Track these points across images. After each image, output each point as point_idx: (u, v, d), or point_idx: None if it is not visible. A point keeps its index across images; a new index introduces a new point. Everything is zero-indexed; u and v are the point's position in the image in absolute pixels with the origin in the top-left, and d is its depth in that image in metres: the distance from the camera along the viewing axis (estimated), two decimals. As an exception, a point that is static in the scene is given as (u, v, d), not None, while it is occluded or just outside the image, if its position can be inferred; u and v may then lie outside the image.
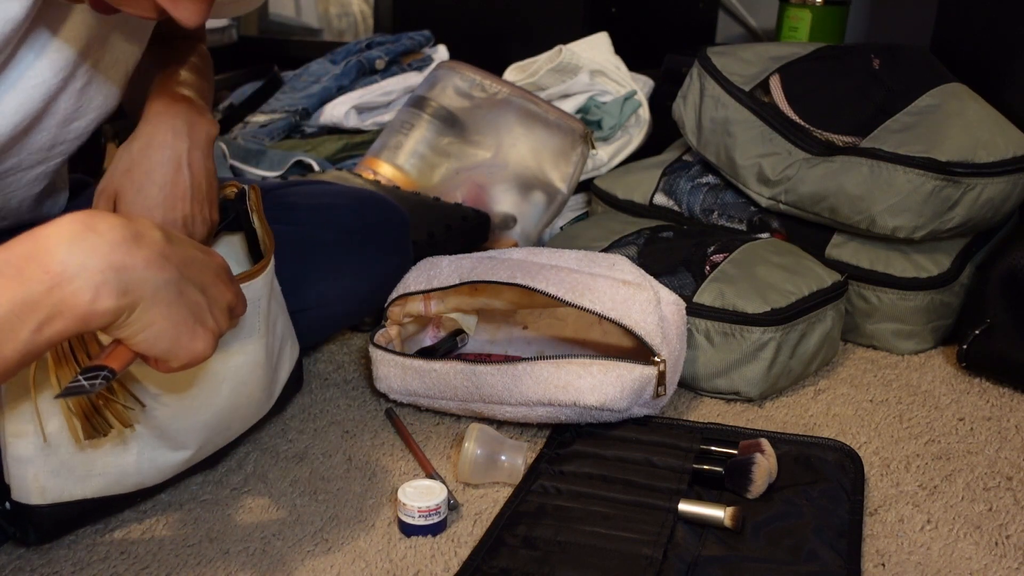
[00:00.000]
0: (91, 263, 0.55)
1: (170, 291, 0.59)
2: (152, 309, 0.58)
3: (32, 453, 0.72)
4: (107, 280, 0.56)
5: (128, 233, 0.58)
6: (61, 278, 0.55)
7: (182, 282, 0.60)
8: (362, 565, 0.77)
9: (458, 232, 1.28)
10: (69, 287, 0.55)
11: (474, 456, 0.88)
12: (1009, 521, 0.85)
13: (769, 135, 1.25)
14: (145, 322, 0.58)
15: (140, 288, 0.57)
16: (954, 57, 1.39)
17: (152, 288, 0.58)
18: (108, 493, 0.78)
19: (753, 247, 1.16)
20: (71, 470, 0.75)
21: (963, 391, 1.10)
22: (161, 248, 0.59)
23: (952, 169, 1.13)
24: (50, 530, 0.77)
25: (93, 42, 0.81)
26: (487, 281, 0.98)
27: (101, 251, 0.56)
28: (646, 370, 0.92)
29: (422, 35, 1.87)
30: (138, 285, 0.57)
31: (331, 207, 1.06)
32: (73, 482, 0.75)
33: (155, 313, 0.58)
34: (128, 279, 0.57)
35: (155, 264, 0.58)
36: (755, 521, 0.81)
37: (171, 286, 0.59)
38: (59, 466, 0.74)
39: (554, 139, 1.45)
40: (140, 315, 0.58)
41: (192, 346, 0.61)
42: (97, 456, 0.76)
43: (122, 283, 0.56)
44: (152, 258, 0.58)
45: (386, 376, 1.01)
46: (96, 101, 0.85)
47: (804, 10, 1.78)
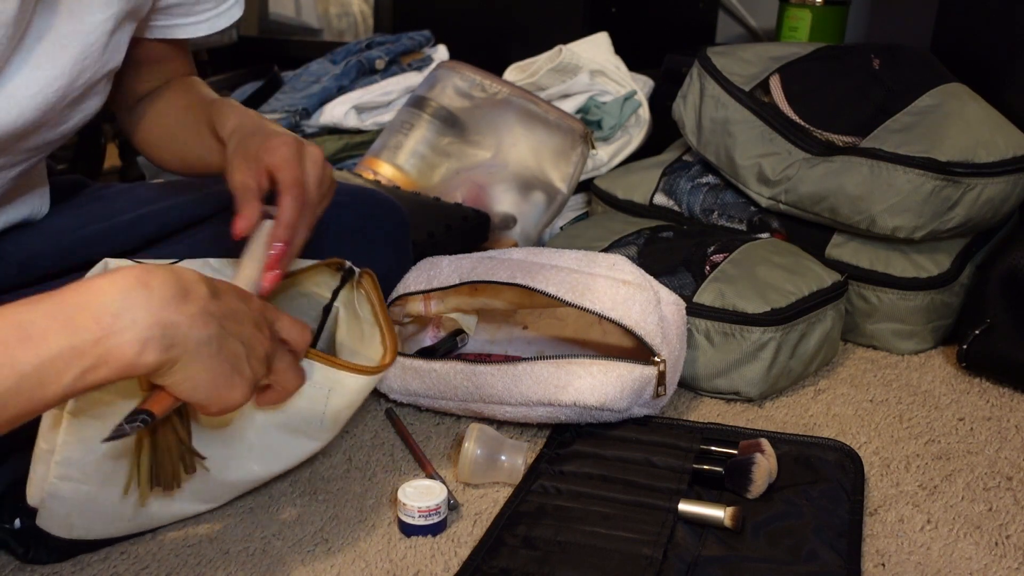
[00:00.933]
0: (140, 318, 0.58)
1: (212, 346, 0.62)
2: (194, 362, 0.61)
3: (74, 496, 0.72)
4: (154, 335, 0.58)
5: (177, 290, 0.60)
6: (110, 330, 0.57)
7: (223, 336, 0.62)
8: (362, 565, 0.77)
9: (458, 232, 1.28)
10: (117, 339, 0.57)
11: (474, 456, 0.88)
12: (1009, 521, 0.85)
13: (769, 135, 1.25)
14: (186, 374, 0.61)
15: (184, 343, 0.60)
16: (954, 57, 1.39)
17: (195, 344, 0.61)
18: (129, 534, 0.79)
19: (753, 247, 1.16)
20: (103, 515, 0.75)
21: (963, 391, 1.10)
22: (205, 304, 0.62)
23: (952, 169, 1.13)
24: (61, 557, 0.77)
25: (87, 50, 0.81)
26: (487, 281, 0.98)
27: (151, 307, 0.58)
28: (646, 370, 0.92)
29: (422, 35, 1.87)
30: (182, 341, 0.60)
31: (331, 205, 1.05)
32: (101, 525, 0.76)
33: (196, 366, 0.61)
34: (174, 335, 0.59)
35: (200, 321, 0.61)
36: (755, 521, 0.81)
37: (213, 341, 0.62)
38: (95, 513, 0.74)
39: (554, 139, 1.45)
40: (182, 367, 0.61)
41: (229, 395, 0.64)
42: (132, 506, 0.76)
43: (167, 339, 0.59)
44: (197, 315, 0.61)
45: (386, 376, 1.01)
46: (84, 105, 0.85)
47: (804, 10, 1.78)
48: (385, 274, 1.08)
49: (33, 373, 0.55)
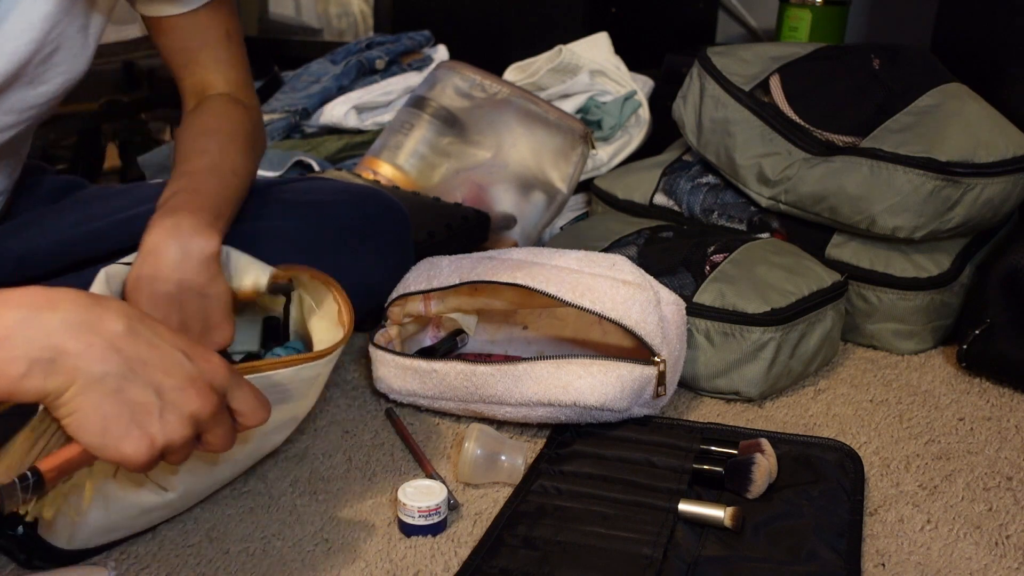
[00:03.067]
0: (34, 338, 0.55)
1: (107, 384, 0.57)
2: (80, 397, 0.57)
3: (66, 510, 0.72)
4: (41, 358, 0.55)
5: (86, 317, 0.57)
6: (2, 344, 0.55)
7: (126, 379, 0.58)
8: (362, 565, 0.77)
9: (458, 232, 1.28)
10: (5, 355, 0.55)
11: (474, 456, 0.88)
12: (1009, 521, 0.85)
13: (769, 135, 1.25)
14: (72, 407, 0.57)
15: (72, 374, 0.56)
16: (954, 57, 1.39)
17: (86, 377, 0.57)
18: (131, 534, 0.79)
19: (753, 247, 1.16)
20: (99, 526, 0.75)
21: (963, 391, 1.10)
22: (113, 339, 0.58)
23: (952, 169, 1.13)
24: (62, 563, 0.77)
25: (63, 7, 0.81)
26: (487, 281, 0.98)
27: (48, 329, 0.56)
28: (646, 370, 0.92)
29: (422, 35, 1.87)
30: (70, 371, 0.56)
31: (331, 203, 1.05)
32: (100, 535, 0.76)
33: (83, 401, 0.57)
34: (62, 363, 0.56)
35: (97, 354, 0.57)
36: (755, 521, 0.81)
37: (109, 379, 0.57)
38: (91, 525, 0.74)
39: (554, 139, 1.45)
40: (68, 400, 0.57)
41: (120, 446, 0.58)
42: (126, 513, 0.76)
43: (55, 365, 0.56)
44: (97, 346, 0.57)
45: (386, 376, 1.01)
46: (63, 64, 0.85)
47: (804, 10, 1.78)
48: (386, 273, 1.08)
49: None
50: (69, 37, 0.83)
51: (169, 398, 0.60)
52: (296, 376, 0.77)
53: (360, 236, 1.06)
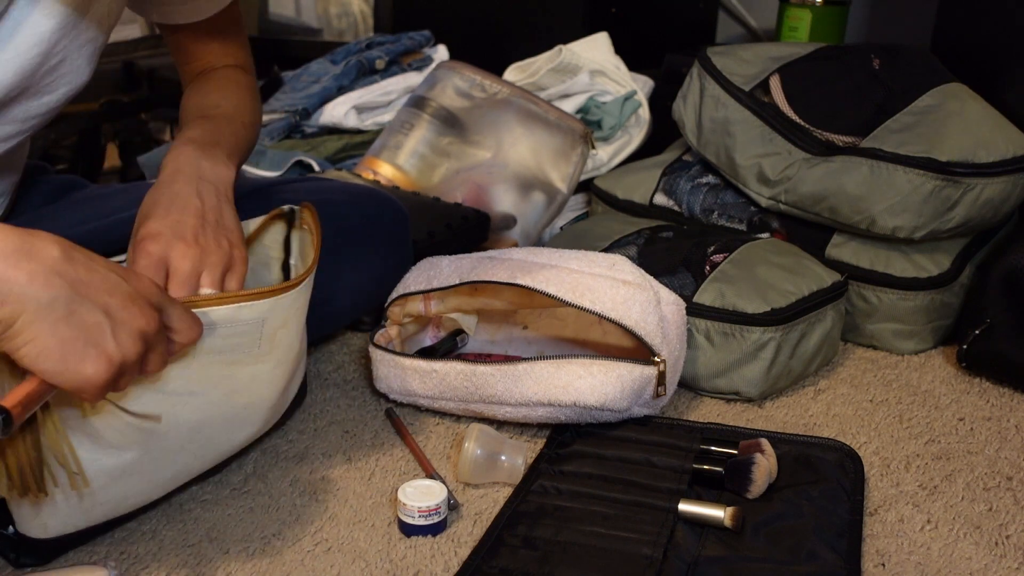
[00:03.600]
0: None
1: (56, 309, 0.58)
2: (34, 324, 0.57)
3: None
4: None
5: (20, 245, 0.57)
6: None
7: (74, 301, 0.58)
8: (362, 565, 0.77)
9: (458, 232, 1.28)
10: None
11: (474, 456, 0.88)
12: (1009, 521, 0.85)
13: (769, 135, 1.25)
14: (26, 337, 0.57)
15: (20, 302, 0.56)
16: (954, 57, 1.39)
17: (35, 304, 0.57)
18: (112, 517, 0.78)
19: (753, 247, 1.16)
20: (72, 506, 0.74)
21: (963, 391, 1.10)
22: (53, 264, 0.58)
23: (952, 169, 1.13)
24: (51, 556, 0.77)
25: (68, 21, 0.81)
26: (487, 281, 0.98)
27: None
28: (646, 370, 0.92)
29: (422, 35, 1.87)
30: (17, 299, 0.56)
31: (330, 203, 1.05)
32: (76, 515, 0.75)
33: (37, 328, 0.57)
34: (6, 291, 0.56)
35: (40, 280, 0.57)
36: (755, 521, 0.81)
37: (58, 304, 0.58)
38: (62, 507, 0.73)
39: (554, 139, 1.45)
40: (20, 329, 0.57)
41: (80, 368, 0.59)
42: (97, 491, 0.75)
43: (1, 295, 0.56)
44: (39, 273, 0.57)
45: (386, 376, 1.01)
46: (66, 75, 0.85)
47: (804, 10, 1.78)
48: (386, 272, 1.08)
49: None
50: (73, 50, 0.84)
51: (118, 317, 0.60)
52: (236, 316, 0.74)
53: (360, 237, 1.06)
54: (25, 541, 0.75)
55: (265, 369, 0.80)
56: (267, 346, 0.79)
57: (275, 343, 0.80)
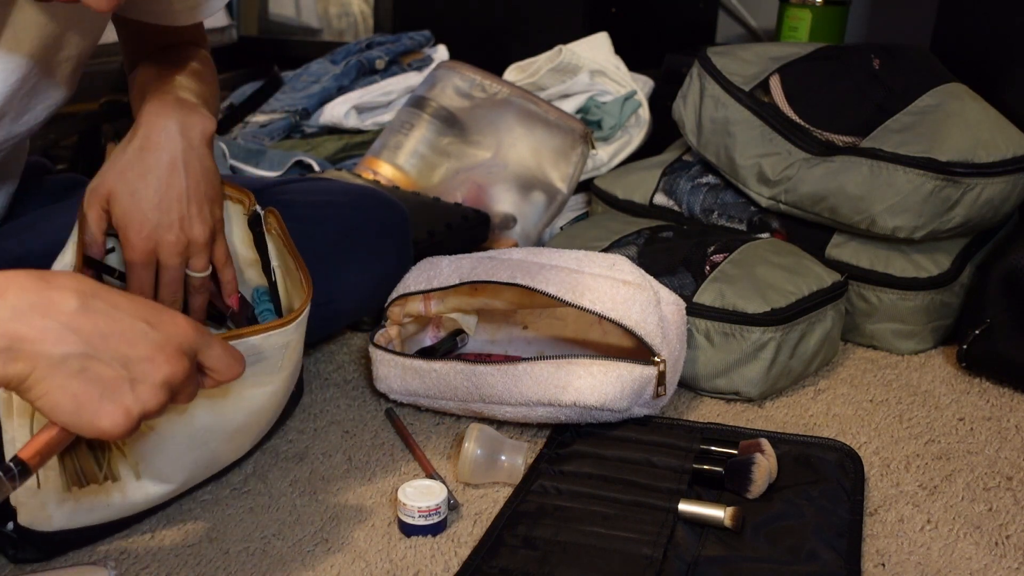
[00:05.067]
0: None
1: (69, 365, 0.57)
2: (45, 381, 0.57)
3: (39, 485, 0.72)
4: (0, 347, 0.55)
5: (36, 301, 0.57)
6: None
7: (88, 357, 0.58)
8: (362, 565, 0.77)
9: (458, 232, 1.28)
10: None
11: (474, 456, 0.88)
12: (1009, 521, 0.85)
13: (769, 135, 1.25)
14: (39, 392, 0.57)
15: (32, 359, 0.56)
16: (954, 57, 1.39)
17: (46, 361, 0.57)
18: (115, 518, 0.79)
19: (753, 247, 1.16)
20: (78, 502, 0.75)
21: (963, 391, 1.10)
22: (69, 320, 0.58)
23: (952, 169, 1.13)
24: (52, 552, 0.77)
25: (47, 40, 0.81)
26: (487, 281, 0.98)
27: (1, 317, 0.56)
28: (646, 370, 0.92)
29: (422, 35, 1.87)
30: (29, 356, 0.56)
31: (329, 204, 1.05)
32: (81, 513, 0.75)
33: (48, 384, 0.57)
34: (21, 349, 0.56)
35: (52, 337, 0.57)
36: (755, 521, 0.81)
37: (71, 360, 0.57)
38: (67, 498, 0.74)
39: (554, 139, 1.45)
40: (34, 384, 0.57)
41: (95, 422, 0.59)
42: (103, 491, 0.75)
43: (12, 352, 0.56)
44: (51, 330, 0.57)
45: (386, 376, 1.01)
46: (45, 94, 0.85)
47: (804, 10, 1.78)
48: (386, 272, 1.08)
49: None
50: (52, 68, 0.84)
51: (137, 369, 0.59)
52: (264, 344, 0.77)
53: (361, 237, 1.06)
54: (26, 535, 0.75)
55: (279, 386, 0.83)
56: (287, 364, 0.82)
57: (291, 359, 0.82)
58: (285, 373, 0.82)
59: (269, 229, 0.91)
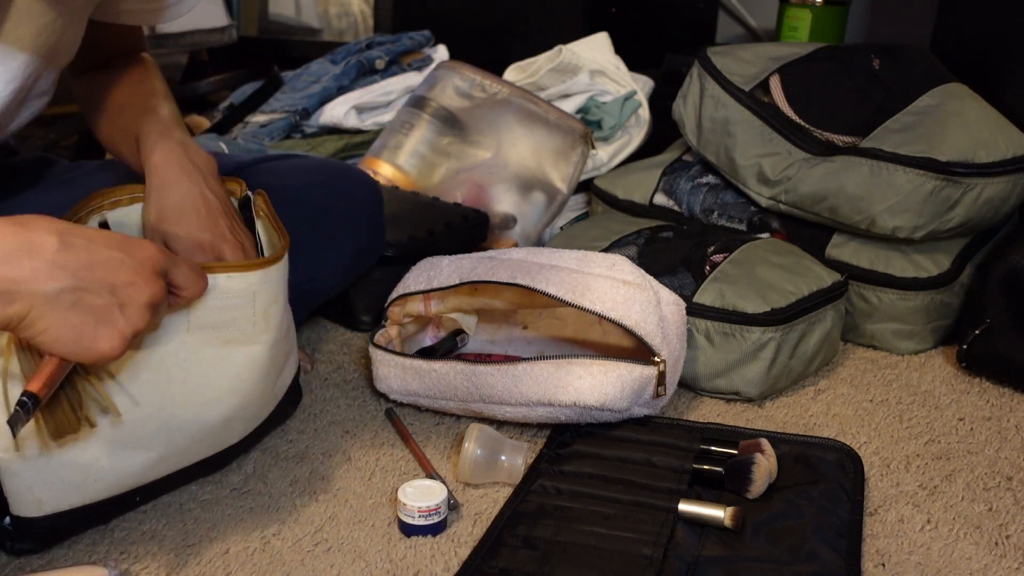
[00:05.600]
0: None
1: (63, 298, 0.61)
2: (45, 316, 0.61)
3: (24, 466, 0.72)
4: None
5: (20, 244, 0.60)
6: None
7: (79, 289, 0.62)
8: (362, 565, 0.77)
9: (458, 232, 1.28)
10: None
11: (474, 456, 0.88)
12: (1009, 521, 0.85)
13: (769, 135, 1.25)
14: (40, 327, 0.61)
15: (28, 298, 0.60)
16: (954, 57, 1.39)
17: (42, 298, 0.60)
18: (107, 496, 0.78)
19: (753, 247, 1.16)
20: (65, 479, 0.74)
21: (963, 391, 1.10)
22: (54, 256, 0.61)
23: (952, 169, 1.13)
24: (48, 540, 0.77)
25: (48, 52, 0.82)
26: (487, 281, 0.98)
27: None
28: (646, 370, 0.92)
29: (422, 35, 1.87)
30: (26, 296, 0.60)
31: (306, 184, 1.07)
32: (70, 491, 0.75)
33: (49, 319, 0.61)
34: (15, 291, 0.59)
35: (43, 275, 0.60)
36: (755, 521, 0.81)
37: (64, 294, 0.61)
38: (53, 477, 0.74)
39: (554, 139, 1.45)
40: (33, 321, 0.61)
41: (95, 346, 0.63)
42: (91, 461, 0.75)
43: (9, 295, 0.59)
44: (41, 268, 0.60)
45: (386, 376, 1.01)
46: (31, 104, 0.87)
47: (804, 10, 1.78)
48: (361, 248, 1.09)
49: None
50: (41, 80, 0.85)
51: (123, 294, 0.64)
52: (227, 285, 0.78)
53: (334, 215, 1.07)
54: (20, 525, 0.75)
55: (260, 351, 0.82)
56: (261, 323, 0.81)
57: (268, 321, 0.82)
58: (266, 337, 0.82)
59: (258, 212, 0.91)
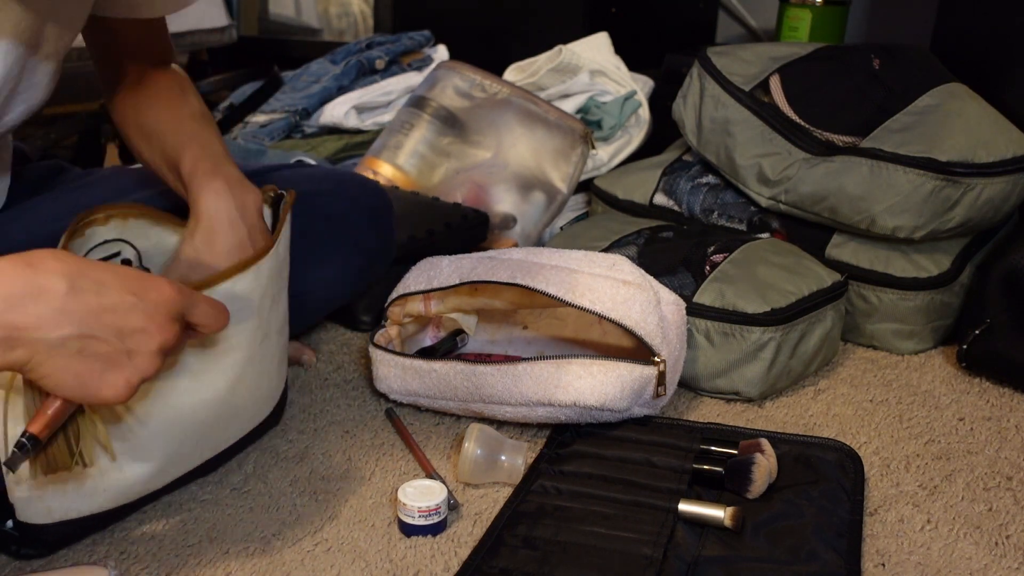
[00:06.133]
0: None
1: (68, 346, 0.60)
2: (48, 362, 0.60)
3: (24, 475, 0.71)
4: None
5: (27, 288, 0.59)
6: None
7: (84, 336, 0.60)
8: (362, 565, 0.77)
9: (458, 232, 1.28)
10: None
11: (474, 456, 0.88)
12: (1009, 521, 0.85)
13: (769, 135, 1.25)
14: (43, 372, 0.60)
15: (31, 345, 0.59)
16: (954, 57, 1.39)
17: (44, 345, 0.59)
18: (114, 506, 0.78)
19: (753, 247, 1.16)
20: (77, 489, 0.75)
21: (963, 391, 1.10)
22: (61, 303, 0.59)
23: (952, 169, 1.13)
24: (56, 546, 0.77)
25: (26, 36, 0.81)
26: (487, 281, 0.98)
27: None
28: (646, 370, 0.92)
29: (422, 35, 1.87)
30: (28, 343, 0.58)
31: (312, 192, 1.06)
32: (79, 500, 0.75)
33: (51, 365, 0.60)
34: (17, 337, 0.58)
35: (48, 322, 0.59)
36: (755, 521, 0.81)
37: (69, 341, 0.60)
38: (65, 486, 0.74)
39: (554, 139, 1.45)
40: (36, 367, 0.60)
41: (99, 393, 0.62)
42: (97, 475, 0.75)
43: (11, 342, 0.58)
44: (46, 315, 0.59)
45: (386, 376, 1.01)
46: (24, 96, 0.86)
47: (804, 10, 1.78)
48: (371, 257, 1.09)
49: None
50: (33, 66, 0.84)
51: (132, 341, 0.62)
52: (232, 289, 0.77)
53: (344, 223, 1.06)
54: (26, 530, 0.75)
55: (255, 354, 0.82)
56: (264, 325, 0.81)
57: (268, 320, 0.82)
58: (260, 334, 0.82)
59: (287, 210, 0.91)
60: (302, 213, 1.03)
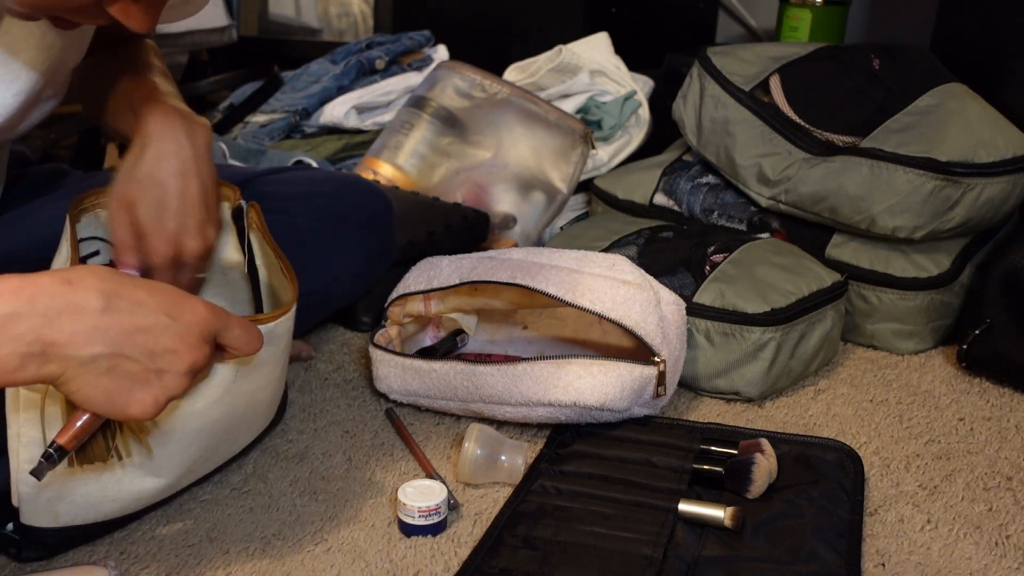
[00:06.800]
0: (23, 333, 0.58)
1: (99, 363, 0.61)
2: (78, 378, 0.61)
3: (48, 480, 0.72)
4: (32, 352, 0.58)
5: (64, 304, 0.60)
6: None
7: (116, 355, 0.61)
8: (362, 565, 0.77)
9: (458, 232, 1.28)
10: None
11: (474, 456, 0.88)
12: (1009, 521, 0.85)
13: (769, 135, 1.25)
14: (73, 387, 0.61)
15: (63, 361, 0.60)
16: (954, 57, 1.39)
17: (76, 362, 0.60)
18: (120, 515, 0.79)
19: (753, 247, 1.16)
20: (86, 497, 0.75)
21: (963, 391, 1.10)
22: (96, 322, 0.60)
23: (952, 169, 1.13)
24: (58, 549, 0.77)
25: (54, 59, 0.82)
26: (487, 281, 0.98)
27: (33, 323, 0.58)
28: (646, 370, 0.92)
29: (422, 35, 1.87)
30: (60, 359, 0.59)
31: (313, 194, 1.06)
32: (87, 508, 0.75)
33: (82, 381, 0.61)
34: (53, 354, 0.59)
35: (82, 340, 0.60)
36: (755, 521, 0.81)
37: (100, 359, 0.61)
38: (74, 494, 0.74)
39: (554, 139, 1.45)
40: (67, 382, 0.61)
41: (127, 410, 0.63)
42: (112, 483, 0.75)
43: (46, 357, 0.59)
44: (82, 333, 0.60)
45: (386, 376, 1.01)
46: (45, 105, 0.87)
47: (804, 10, 1.78)
48: (371, 260, 1.09)
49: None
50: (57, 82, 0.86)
51: (162, 361, 0.63)
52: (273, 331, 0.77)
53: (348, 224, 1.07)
54: (29, 533, 0.75)
55: (277, 372, 0.83)
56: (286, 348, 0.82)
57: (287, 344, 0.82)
58: (282, 359, 0.83)
59: (251, 224, 0.91)
60: (302, 215, 1.03)
